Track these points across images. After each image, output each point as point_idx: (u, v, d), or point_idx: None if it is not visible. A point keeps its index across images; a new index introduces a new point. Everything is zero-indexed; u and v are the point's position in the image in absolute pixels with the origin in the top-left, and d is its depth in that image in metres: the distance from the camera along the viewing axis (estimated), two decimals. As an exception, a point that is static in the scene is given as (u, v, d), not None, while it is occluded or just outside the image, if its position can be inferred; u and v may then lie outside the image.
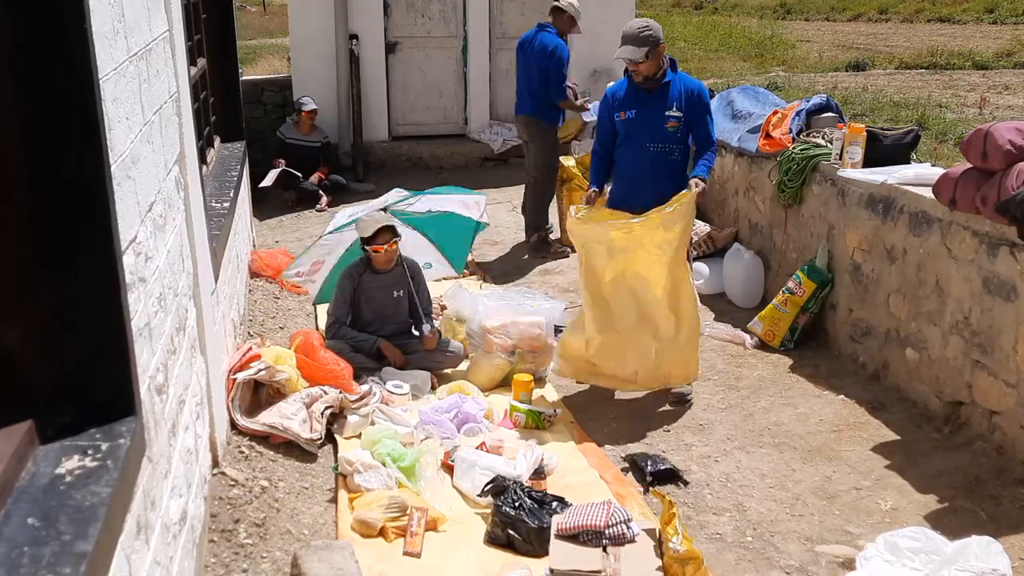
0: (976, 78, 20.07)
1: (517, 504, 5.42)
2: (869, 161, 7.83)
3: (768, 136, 9.10)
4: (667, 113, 7.29)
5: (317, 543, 5.03)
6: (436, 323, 8.12)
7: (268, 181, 13.44)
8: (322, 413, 6.52)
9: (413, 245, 8.72)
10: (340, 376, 6.92)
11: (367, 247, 7.64)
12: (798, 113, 9.05)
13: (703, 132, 7.35)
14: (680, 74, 7.45)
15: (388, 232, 7.66)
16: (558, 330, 7.97)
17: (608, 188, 7.69)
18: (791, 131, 8.92)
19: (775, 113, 9.33)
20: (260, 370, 6.46)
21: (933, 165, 7.97)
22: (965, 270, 6.42)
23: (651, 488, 5.99)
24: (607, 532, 5.21)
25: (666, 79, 7.34)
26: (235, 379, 6.30)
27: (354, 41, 15.17)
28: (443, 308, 8.68)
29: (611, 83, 8.23)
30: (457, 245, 9.39)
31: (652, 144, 7.33)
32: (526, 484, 5.70)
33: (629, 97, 7.46)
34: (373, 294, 7.77)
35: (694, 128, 7.38)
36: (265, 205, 13.53)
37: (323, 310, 8.92)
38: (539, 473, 6.06)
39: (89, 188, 2.94)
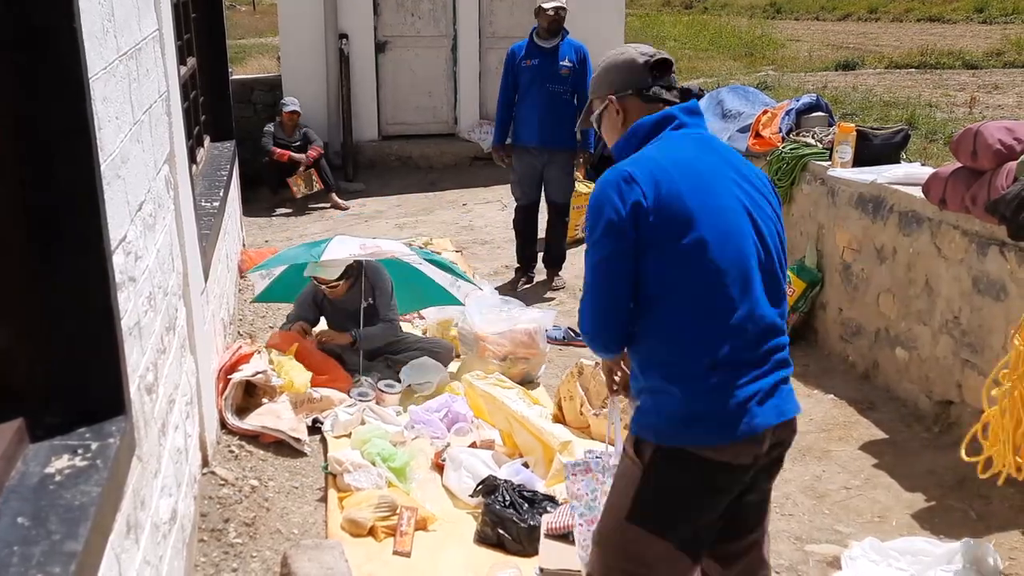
0: (966, 77, 20.10)
1: (507, 503, 5.41)
2: (859, 160, 7.84)
3: (758, 135, 9.10)
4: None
5: (307, 543, 5.03)
6: (423, 323, 8.12)
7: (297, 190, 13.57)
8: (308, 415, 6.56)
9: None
10: (336, 378, 7.02)
11: (315, 278, 7.51)
12: (788, 112, 9.05)
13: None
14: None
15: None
16: (551, 338, 8.03)
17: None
18: (780, 130, 8.92)
19: (764, 112, 9.33)
20: (257, 372, 6.47)
21: (923, 164, 8.00)
22: (955, 269, 6.44)
23: None
24: (597, 531, 5.21)
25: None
26: (229, 379, 6.32)
27: (344, 40, 15.16)
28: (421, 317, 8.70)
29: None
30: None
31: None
32: (516, 483, 5.70)
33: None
34: (338, 307, 7.72)
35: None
36: (254, 204, 13.52)
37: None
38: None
39: (79, 187, 2.93)
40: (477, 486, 5.70)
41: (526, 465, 6.14)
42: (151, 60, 4.62)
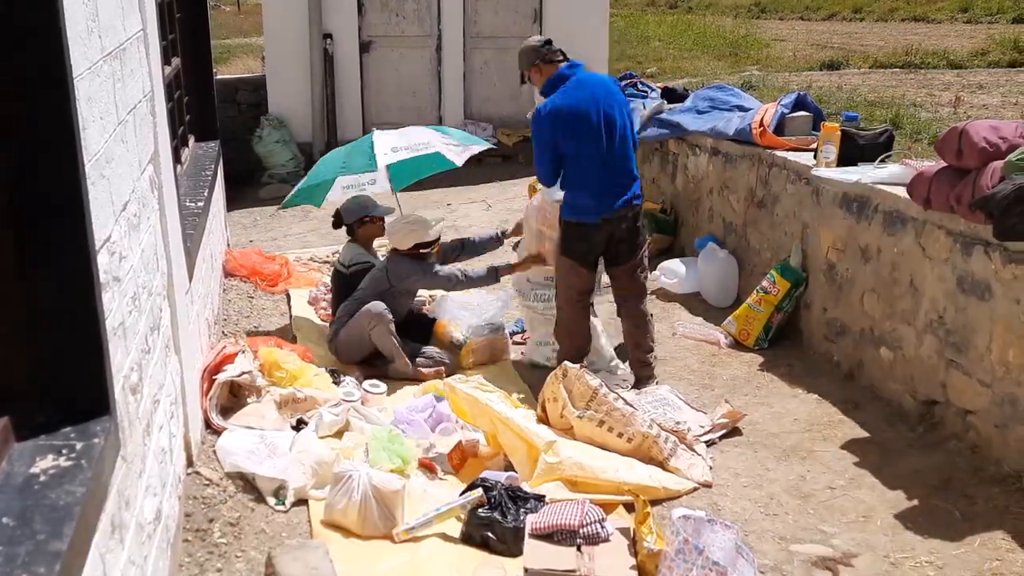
0: (950, 77, 20.12)
1: (493, 503, 5.41)
2: (844, 160, 7.85)
3: (762, 126, 9.01)
4: None
5: (292, 543, 5.03)
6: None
7: None
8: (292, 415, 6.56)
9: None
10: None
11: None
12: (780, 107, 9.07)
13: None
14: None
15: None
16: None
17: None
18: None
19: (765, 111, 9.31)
20: (243, 372, 6.47)
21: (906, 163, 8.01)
22: (939, 269, 6.45)
23: None
24: (581, 531, 5.21)
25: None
26: (214, 379, 6.31)
27: (328, 40, 15.19)
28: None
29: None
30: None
31: None
32: (503, 482, 5.69)
33: None
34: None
35: None
36: (239, 203, 13.51)
37: (299, 298, 9.29)
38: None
39: (63, 187, 2.93)
40: (468, 487, 5.69)
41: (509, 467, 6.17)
42: (135, 60, 4.62)
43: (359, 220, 8.44)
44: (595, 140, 7.07)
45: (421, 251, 7.89)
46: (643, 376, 7.49)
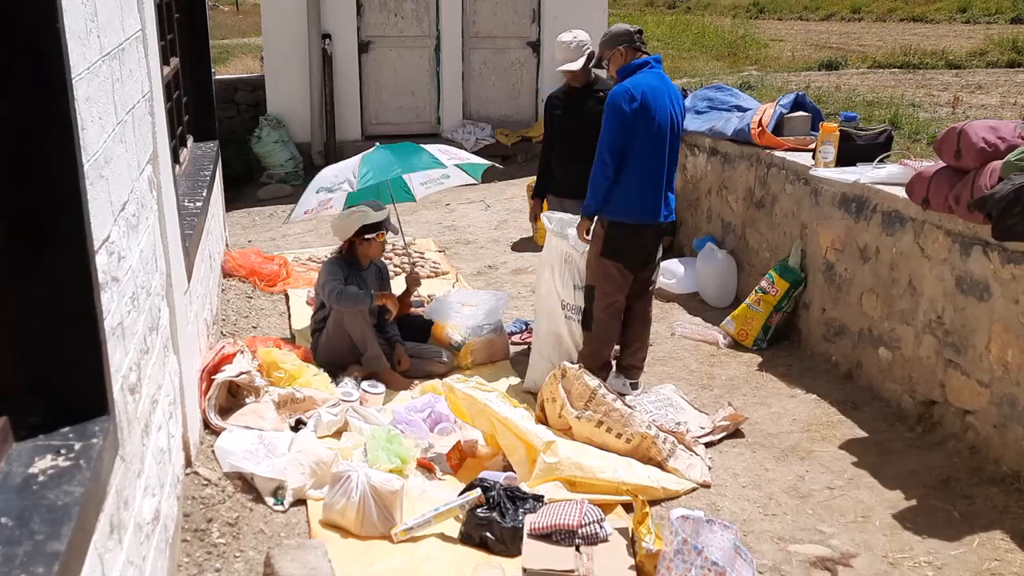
0: (949, 77, 20.15)
1: (491, 504, 5.41)
2: (842, 161, 7.85)
3: (760, 126, 9.01)
4: None
5: (290, 543, 5.03)
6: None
7: None
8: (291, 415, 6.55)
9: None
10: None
11: (367, 236, 7.68)
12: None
13: None
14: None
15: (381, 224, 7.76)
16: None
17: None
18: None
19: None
20: (241, 373, 6.47)
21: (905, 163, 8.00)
22: (938, 269, 6.45)
23: None
24: (580, 531, 5.21)
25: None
26: (213, 379, 6.31)
27: (327, 40, 15.18)
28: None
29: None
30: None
31: None
32: (502, 482, 5.69)
33: None
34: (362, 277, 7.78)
35: None
36: (237, 204, 13.51)
37: (298, 299, 9.26)
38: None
39: (62, 188, 2.93)
40: (467, 487, 5.69)
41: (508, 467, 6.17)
42: (134, 60, 4.61)
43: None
44: (663, 134, 6.89)
45: (366, 236, 7.69)
46: (634, 379, 7.47)
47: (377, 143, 8.57)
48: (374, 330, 7.58)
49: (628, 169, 6.89)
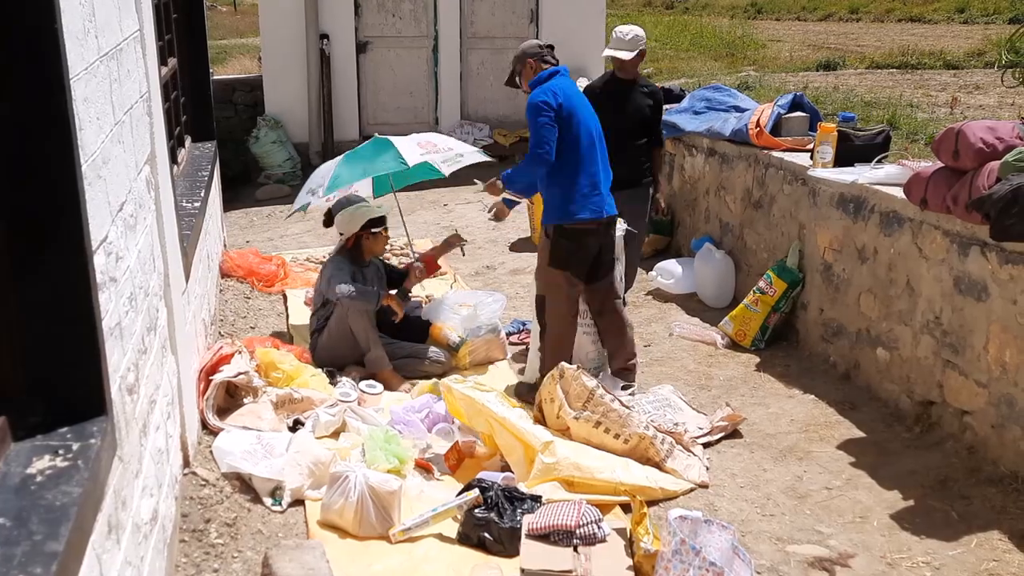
0: (947, 77, 20.10)
1: (489, 504, 5.41)
2: (840, 161, 7.85)
3: (758, 127, 9.01)
4: None
5: (288, 543, 5.03)
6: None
7: None
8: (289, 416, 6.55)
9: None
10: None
11: (373, 230, 7.73)
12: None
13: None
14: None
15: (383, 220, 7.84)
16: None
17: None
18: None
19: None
20: (239, 373, 6.46)
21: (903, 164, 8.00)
22: (936, 270, 6.45)
23: None
24: (578, 532, 5.22)
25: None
26: (211, 380, 6.31)
27: (325, 41, 15.17)
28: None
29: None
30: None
31: None
32: (500, 483, 5.69)
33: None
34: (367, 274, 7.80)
35: None
36: (235, 204, 13.51)
37: (296, 299, 9.31)
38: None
39: (60, 188, 2.93)
40: (461, 491, 5.69)
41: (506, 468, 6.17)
42: (132, 60, 4.61)
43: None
44: (588, 131, 7.03)
45: (372, 231, 7.73)
46: (629, 381, 7.44)
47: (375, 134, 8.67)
48: (377, 330, 7.59)
49: (558, 170, 6.97)
